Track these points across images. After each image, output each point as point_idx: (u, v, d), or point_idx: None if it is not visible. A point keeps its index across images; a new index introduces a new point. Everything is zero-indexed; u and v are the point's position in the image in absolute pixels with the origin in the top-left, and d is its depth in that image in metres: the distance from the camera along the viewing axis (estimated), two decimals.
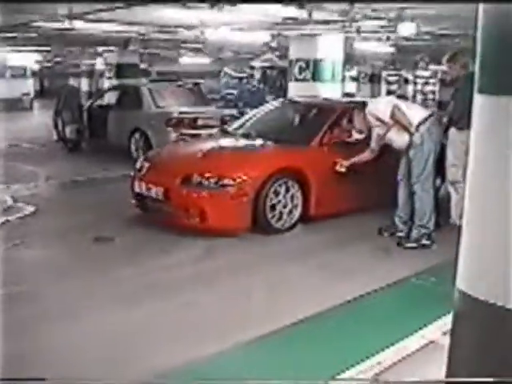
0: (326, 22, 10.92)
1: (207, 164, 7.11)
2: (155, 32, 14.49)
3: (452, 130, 7.18)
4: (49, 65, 37.59)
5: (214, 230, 6.83)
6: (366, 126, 7.14)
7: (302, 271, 5.96)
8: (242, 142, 7.85)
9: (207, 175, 6.83)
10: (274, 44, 16.36)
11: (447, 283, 4.51)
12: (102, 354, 4.18)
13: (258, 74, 27.47)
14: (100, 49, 22.47)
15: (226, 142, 7.97)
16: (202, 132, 11.09)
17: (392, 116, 6.63)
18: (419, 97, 33.91)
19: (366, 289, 5.36)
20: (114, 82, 19.98)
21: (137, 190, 7.42)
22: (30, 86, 30.83)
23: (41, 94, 37.00)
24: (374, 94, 27.86)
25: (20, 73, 30.06)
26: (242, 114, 11.85)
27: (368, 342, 4.31)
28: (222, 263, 6.21)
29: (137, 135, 12.54)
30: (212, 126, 11.42)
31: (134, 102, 12.98)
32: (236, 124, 8.86)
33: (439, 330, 4.44)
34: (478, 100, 2.72)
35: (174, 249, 6.54)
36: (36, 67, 36.97)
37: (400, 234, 6.89)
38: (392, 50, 17.95)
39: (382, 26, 11.34)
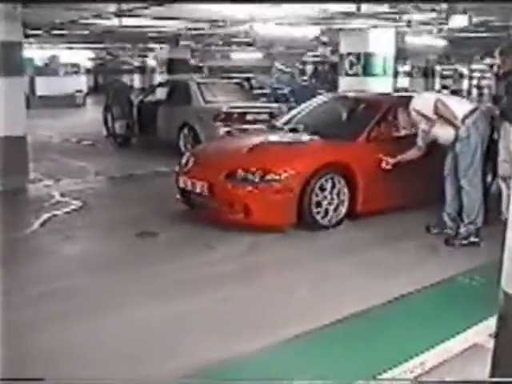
0: (376, 15, 10.76)
1: (252, 159, 7.04)
2: (205, 27, 14.51)
3: (505, 125, 6.97)
4: (102, 62, 38.13)
5: (258, 226, 6.77)
6: (411, 122, 6.97)
7: (346, 269, 5.86)
8: (289, 137, 7.76)
9: (252, 170, 6.76)
10: (324, 38, 16.23)
11: (495, 283, 4.40)
12: (146, 344, 4.17)
13: (309, 69, 27.30)
14: (151, 45, 22.63)
15: (273, 136, 7.88)
16: (251, 127, 11.02)
17: (435, 110, 6.46)
18: (475, 91, 33.33)
19: (410, 287, 5.22)
20: (165, 77, 20.08)
21: (181, 185, 7.40)
22: (83, 82, 31.21)
23: (95, 90, 37.40)
24: (428, 89, 27.43)
25: (73, 70, 30.48)
26: (291, 109, 11.75)
27: (410, 342, 4.19)
28: (265, 259, 6.18)
29: (185, 130, 12.55)
30: (261, 121, 11.36)
31: (183, 98, 13.00)
32: (283, 119, 8.78)
33: (484, 332, 4.28)
34: None
35: (218, 244, 6.49)
36: (89, 64, 37.54)
37: (448, 231, 6.72)
38: (444, 43, 17.61)
39: (434, 19, 11.11)
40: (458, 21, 10.38)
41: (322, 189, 6.94)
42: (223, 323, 4.61)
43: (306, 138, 7.64)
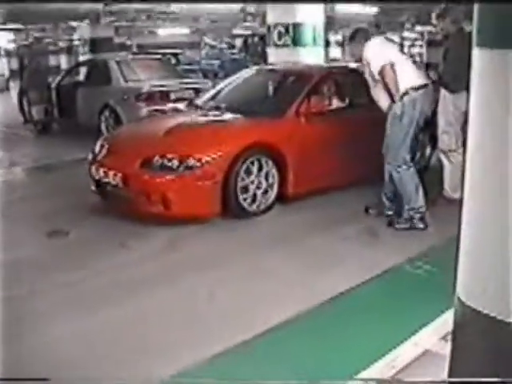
0: None
1: (169, 144, 6.36)
2: (124, 2, 13.72)
3: (443, 94, 6.41)
4: (26, 43, 36.58)
5: (179, 217, 6.10)
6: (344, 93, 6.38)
7: (279, 262, 5.25)
8: (210, 117, 7.08)
9: (169, 156, 6.07)
10: (251, 9, 15.58)
11: (443, 271, 3.88)
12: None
13: (238, 43, 26.58)
14: (72, 23, 21.57)
15: (192, 117, 7.18)
16: (176, 106, 10.26)
17: (380, 71, 5.82)
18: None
19: (352, 281, 4.66)
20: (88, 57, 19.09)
21: (94, 175, 6.65)
22: (4, 65, 29.80)
23: (20, 73, 35.85)
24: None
25: None
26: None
27: (352, 351, 3.61)
28: (186, 256, 5.49)
29: (106, 113, 11.74)
30: (186, 99, 10.59)
31: (103, 78, 12.17)
32: (205, 96, 8.07)
33: (435, 334, 3.72)
34: (479, 55, 2.10)
35: (134, 242, 5.81)
36: (12, 46, 36.03)
37: (389, 213, 6.16)
38: (375, 10, 17.12)
39: None
40: None
41: (248, 172, 6.28)
42: (122, 345, 3.94)
43: (228, 116, 6.98)
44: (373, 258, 5.22)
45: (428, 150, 7.31)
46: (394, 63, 5.76)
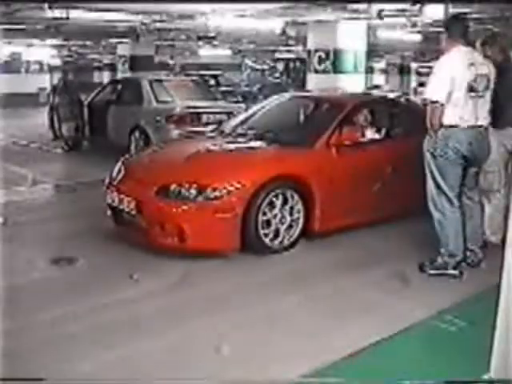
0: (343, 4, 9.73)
1: (188, 171, 5.95)
2: (160, 21, 13.48)
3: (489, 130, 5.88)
4: (71, 59, 36.81)
5: (194, 251, 5.68)
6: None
7: (298, 308, 4.78)
8: (234, 144, 6.66)
9: (187, 185, 5.66)
10: (292, 33, 15.18)
11: (478, 327, 3.39)
12: None
13: (280, 66, 26.23)
14: (112, 40, 21.46)
15: (216, 143, 6.77)
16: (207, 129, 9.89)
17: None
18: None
19: (373, 335, 4.18)
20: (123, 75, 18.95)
21: (109, 201, 6.27)
22: (46, 80, 29.89)
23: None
24: (404, 86, 26.52)
25: (36, 67, 29.20)
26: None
27: None
28: (197, 295, 5.05)
29: (137, 133, 11.43)
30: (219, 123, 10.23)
31: (135, 97, 11.91)
32: (233, 122, 7.66)
33: None
34: None
35: (144, 275, 5.40)
36: (57, 62, 36.28)
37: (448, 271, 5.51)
38: (419, 38, 16.61)
39: (404, 10, 10.07)
40: (433, 12, 9.38)
41: (272, 205, 5.85)
42: None
43: (254, 144, 6.55)
44: (400, 308, 4.74)
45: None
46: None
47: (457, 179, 5.30)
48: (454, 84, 5.04)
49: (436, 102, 5.11)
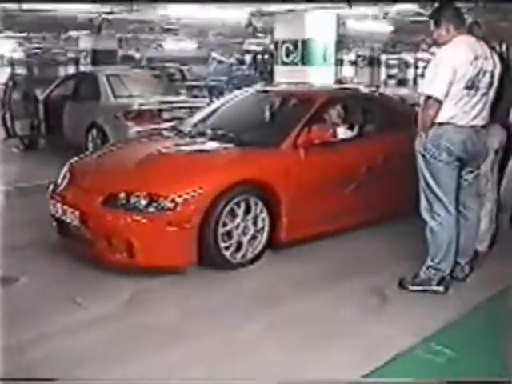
0: None
1: (139, 178, 5.30)
2: (120, 12, 12.80)
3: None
4: (35, 53, 35.93)
5: (146, 268, 5.03)
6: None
7: (260, 335, 4.18)
8: (191, 146, 6.02)
9: (136, 193, 5.00)
10: (258, 24, 14.61)
11: (468, 356, 3.45)
12: None
13: (248, 59, 25.58)
14: (75, 34, 20.72)
15: (172, 144, 6.11)
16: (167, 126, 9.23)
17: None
18: (421, 81, 32.13)
19: (346, 373, 3.58)
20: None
21: (52, 211, 5.60)
22: (7, 75, 28.94)
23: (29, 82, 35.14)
24: (374, 79, 26.04)
25: None
26: None
27: None
28: (144, 321, 4.40)
29: (94, 131, 10.71)
30: (180, 119, 9.57)
31: (91, 92, 11.16)
32: (192, 119, 6.99)
33: None
34: None
35: (89, 297, 4.76)
36: (20, 56, 35.43)
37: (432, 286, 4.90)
38: (391, 29, 16.08)
39: None
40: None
41: (233, 215, 5.22)
42: None
43: (212, 146, 5.91)
44: (379, 334, 4.14)
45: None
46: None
47: (452, 183, 4.69)
48: (453, 78, 4.43)
49: (432, 98, 4.49)
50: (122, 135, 9.71)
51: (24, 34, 22.85)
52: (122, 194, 5.06)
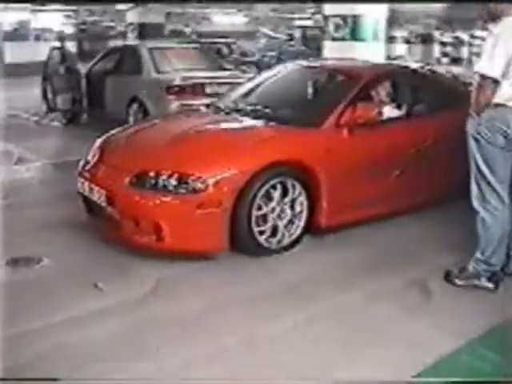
0: None
1: (169, 156, 4.99)
2: None
3: None
4: (84, 27, 35.86)
5: (175, 252, 4.73)
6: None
7: (287, 331, 3.83)
8: (228, 123, 5.68)
9: (166, 173, 4.69)
10: None
11: None
12: None
13: (298, 35, 25.03)
14: (123, 7, 20.51)
15: (208, 121, 5.79)
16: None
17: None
18: (475, 59, 31.21)
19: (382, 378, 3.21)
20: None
21: (80, 189, 5.34)
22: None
23: (80, 56, 35.23)
24: (427, 57, 25.30)
25: (46, 35, 28.19)
26: None
27: None
28: (167, 311, 4.09)
29: (135, 106, 10.44)
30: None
31: (133, 66, 10.86)
32: (232, 95, 6.63)
33: None
34: None
35: (112, 282, 4.48)
36: (69, 30, 35.42)
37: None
38: (445, 5, 15.44)
39: None
40: None
41: (269, 197, 4.87)
42: None
43: (250, 123, 5.56)
44: (419, 335, 3.76)
45: None
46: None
47: (507, 170, 4.23)
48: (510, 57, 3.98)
49: (489, 77, 4.04)
50: (163, 110, 9.45)
51: (72, 8, 22.71)
52: (151, 174, 4.74)
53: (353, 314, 4.05)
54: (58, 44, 12.67)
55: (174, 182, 4.66)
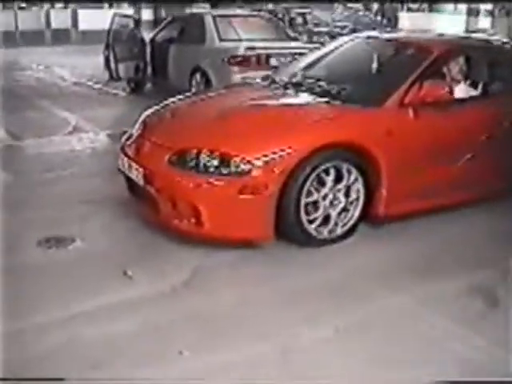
0: None
1: (215, 133, 4.56)
2: None
3: None
4: None
5: (215, 239, 4.33)
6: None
7: (327, 337, 3.39)
8: (282, 98, 5.22)
9: (208, 152, 4.27)
10: None
11: None
12: None
13: (375, 5, 24.17)
14: None
15: (260, 96, 5.35)
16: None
17: None
18: None
19: None
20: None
21: (120, 166, 4.99)
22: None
23: (154, 24, 35.06)
24: (511, 31, 24.07)
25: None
26: None
27: None
28: (197, 310, 3.71)
29: (197, 75, 10.08)
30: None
31: (197, 35, 10.50)
32: (289, 69, 6.16)
33: None
34: None
35: (143, 270, 4.12)
36: None
37: None
38: None
39: None
40: None
41: (321, 183, 4.42)
42: None
43: (304, 100, 5.08)
44: (478, 353, 3.26)
45: None
46: None
47: None
48: None
49: None
50: (226, 81, 9.11)
51: None
52: (193, 152, 4.34)
53: (396, 327, 3.55)
54: (121, 11, 12.29)
55: (215, 162, 4.25)
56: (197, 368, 3.08)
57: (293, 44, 10.78)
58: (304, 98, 5.11)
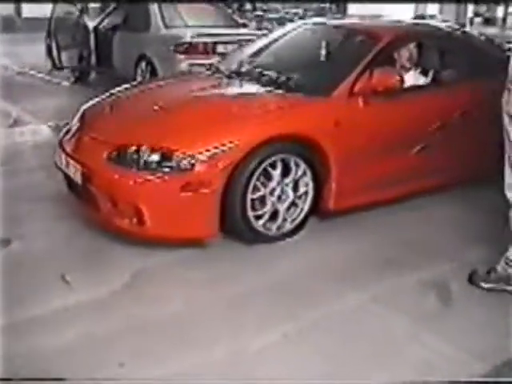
0: None
1: (153, 128, 4.33)
2: None
3: None
4: None
5: (158, 239, 4.11)
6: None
7: (276, 343, 3.20)
8: (226, 88, 5.01)
9: (148, 148, 4.05)
10: None
11: None
12: None
13: None
14: None
15: (204, 86, 5.12)
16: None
17: None
18: (510, 21, 29.96)
19: None
20: None
21: (57, 163, 4.72)
22: None
23: (102, 11, 34.31)
24: (459, 17, 24.20)
25: None
26: None
27: None
28: (141, 313, 3.48)
29: (143, 64, 9.80)
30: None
31: (141, 22, 10.21)
32: (234, 57, 5.95)
33: None
34: None
35: (81, 274, 3.89)
36: None
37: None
38: None
39: None
40: None
41: (267, 177, 4.23)
42: None
43: (249, 90, 4.88)
44: (433, 353, 3.11)
45: None
46: None
47: None
48: None
49: None
50: (172, 69, 8.94)
51: None
52: (132, 148, 4.11)
53: (350, 327, 3.39)
54: None
55: (156, 158, 4.03)
56: (138, 381, 2.86)
57: (241, 31, 10.58)
58: (249, 87, 4.91)
